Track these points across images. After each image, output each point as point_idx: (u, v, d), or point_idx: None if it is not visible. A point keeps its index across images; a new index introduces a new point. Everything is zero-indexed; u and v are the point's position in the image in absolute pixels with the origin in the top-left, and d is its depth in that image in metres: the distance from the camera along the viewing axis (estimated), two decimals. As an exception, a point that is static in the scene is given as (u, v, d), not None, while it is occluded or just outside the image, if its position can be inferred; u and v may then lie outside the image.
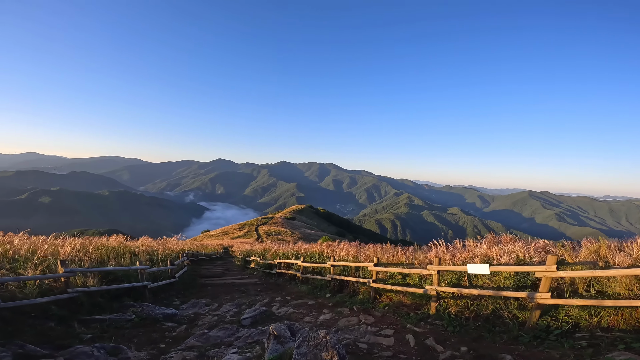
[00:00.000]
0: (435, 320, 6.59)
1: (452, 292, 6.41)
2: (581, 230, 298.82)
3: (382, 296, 8.63)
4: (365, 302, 8.58)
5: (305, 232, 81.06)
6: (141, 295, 8.35)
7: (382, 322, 7.03)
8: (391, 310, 7.76)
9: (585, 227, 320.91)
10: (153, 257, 11.70)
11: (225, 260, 29.41)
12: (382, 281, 8.65)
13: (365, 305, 8.42)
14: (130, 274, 8.51)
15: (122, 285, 7.58)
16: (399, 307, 7.90)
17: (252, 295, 10.67)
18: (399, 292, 8.15)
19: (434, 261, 6.82)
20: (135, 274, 8.51)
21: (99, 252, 10.10)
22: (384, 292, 8.58)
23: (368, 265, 8.67)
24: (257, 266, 16.95)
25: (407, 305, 7.95)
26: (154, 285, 8.90)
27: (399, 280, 8.54)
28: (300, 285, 11.93)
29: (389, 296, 8.49)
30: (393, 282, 8.49)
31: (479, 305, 6.32)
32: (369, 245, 11.58)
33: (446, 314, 6.54)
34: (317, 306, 8.94)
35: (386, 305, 8.15)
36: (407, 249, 9.71)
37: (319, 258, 12.56)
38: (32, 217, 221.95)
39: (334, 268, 10.39)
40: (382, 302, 8.30)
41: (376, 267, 8.41)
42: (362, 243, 13.77)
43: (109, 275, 8.14)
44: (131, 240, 15.80)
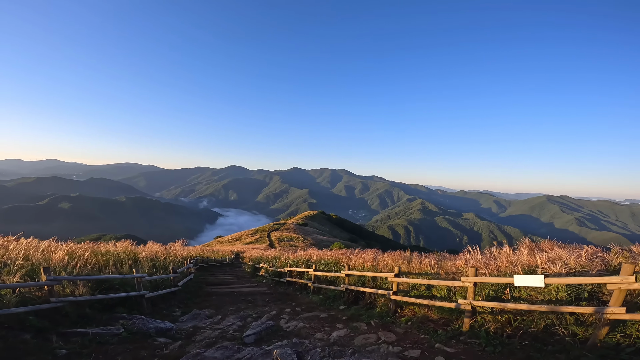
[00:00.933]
0: (469, 338, 5.63)
1: (492, 307, 5.43)
2: (602, 235, 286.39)
3: (404, 309, 7.69)
4: (384, 316, 7.65)
5: (318, 238, 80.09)
6: (138, 305, 7.65)
7: (405, 341, 6.10)
8: (415, 326, 6.80)
9: (606, 232, 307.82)
10: (157, 264, 11.06)
11: (235, 267, 28.80)
12: (404, 293, 7.70)
13: (384, 319, 7.49)
14: (127, 283, 7.84)
15: (113, 295, 6.89)
16: (424, 322, 6.94)
17: (259, 306, 9.85)
18: (424, 306, 7.18)
19: (467, 271, 5.86)
20: (134, 283, 7.83)
21: (98, 258, 9.51)
22: (406, 305, 7.63)
23: (388, 276, 7.75)
24: (266, 274, 16.15)
25: (433, 320, 6.98)
26: (153, 294, 8.20)
27: (423, 292, 7.57)
28: (312, 295, 11.06)
29: (412, 310, 7.53)
30: (416, 294, 7.53)
31: (524, 320, 5.34)
32: (387, 253, 10.62)
33: (483, 331, 5.57)
34: (329, 320, 8.04)
35: (409, 320, 7.20)
36: (431, 257, 8.73)
37: (334, 266, 11.67)
38: (52, 222, 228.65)
39: (349, 278, 9.49)
40: (404, 317, 7.35)
41: (397, 278, 7.47)
42: (376, 250, 12.85)
43: (103, 284, 7.49)
44: (143, 246, 15.32)
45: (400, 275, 7.65)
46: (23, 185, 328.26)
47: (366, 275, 8.84)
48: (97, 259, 9.58)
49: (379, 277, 8.55)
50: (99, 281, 7.39)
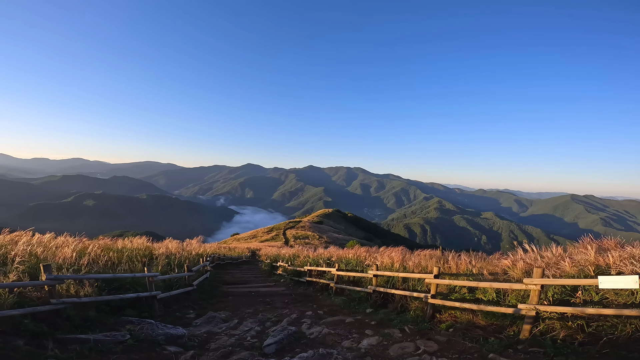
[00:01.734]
0: (530, 347, 4.75)
1: (563, 312, 4.54)
2: (629, 235, 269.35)
3: (442, 314, 6.79)
4: (419, 322, 6.78)
5: (333, 236, 79.38)
6: (149, 307, 7.07)
7: (450, 350, 5.24)
8: (459, 334, 5.92)
9: (633, 233, 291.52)
10: (172, 262, 10.54)
11: (252, 265, 28.39)
12: (443, 296, 6.79)
13: (420, 325, 6.62)
14: (138, 282, 7.27)
15: (122, 296, 6.31)
16: (469, 329, 6.04)
17: (278, 308, 9.13)
18: (466, 310, 6.27)
19: (533, 272, 4.95)
20: (145, 282, 7.25)
21: (110, 255, 9.03)
22: (445, 309, 6.72)
23: (425, 277, 6.86)
24: (284, 273, 15.48)
25: (480, 326, 6.05)
26: (165, 295, 7.61)
27: (465, 295, 6.65)
28: (334, 296, 10.26)
29: (452, 315, 6.63)
30: (458, 298, 6.61)
31: (601, 327, 4.41)
32: (416, 253, 9.69)
33: (549, 339, 4.68)
34: (357, 325, 7.23)
35: (450, 326, 6.30)
36: (471, 256, 7.76)
37: (356, 266, 10.82)
38: (78, 219, 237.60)
39: (377, 279, 8.62)
40: (444, 322, 6.45)
41: (437, 280, 6.57)
42: (403, 248, 11.91)
43: (113, 283, 6.94)
44: (160, 242, 14.95)
45: (441, 277, 6.74)
46: (49, 184, 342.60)
47: (397, 276, 7.97)
48: (110, 255, 9.12)
49: (412, 278, 7.67)
50: (108, 280, 6.84)
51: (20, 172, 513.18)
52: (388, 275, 8.19)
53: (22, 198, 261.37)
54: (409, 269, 8.60)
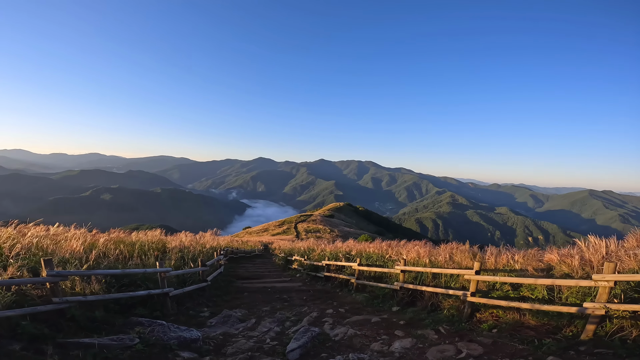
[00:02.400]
0: (596, 348, 4.15)
1: (636, 310, 3.84)
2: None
3: (482, 313, 6.11)
4: (456, 322, 6.12)
5: (344, 230, 78.92)
6: (161, 305, 6.58)
7: (498, 354, 4.59)
8: (506, 335, 5.27)
9: None
10: (185, 256, 10.11)
11: (265, 258, 28.08)
12: (483, 294, 6.09)
13: (457, 326, 5.96)
14: (150, 278, 6.79)
15: (132, 294, 5.82)
16: (517, 329, 5.37)
17: (296, 306, 8.57)
18: (510, 309, 5.60)
19: (604, 268, 4.23)
20: (157, 278, 6.76)
21: (122, 248, 8.63)
22: (486, 308, 6.04)
23: (465, 273, 6.15)
24: (300, 267, 14.95)
25: (531, 327, 5.36)
26: (179, 292, 7.10)
27: (509, 292, 5.95)
28: (355, 293, 9.64)
29: (494, 314, 5.94)
30: (501, 295, 5.91)
31: None
32: (443, 247, 8.95)
33: (617, 339, 4.07)
34: (384, 325, 6.60)
35: (493, 326, 5.63)
36: (512, 251, 7.01)
37: (378, 260, 10.15)
38: (95, 213, 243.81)
39: (405, 275, 7.94)
40: (486, 322, 5.77)
41: (479, 276, 5.87)
42: (426, 241, 11.18)
43: (123, 279, 6.48)
44: (175, 235, 14.66)
45: (483, 273, 6.03)
46: (68, 178, 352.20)
47: (429, 272, 7.27)
48: (121, 249, 8.72)
49: (448, 274, 6.98)
50: (118, 276, 6.37)
51: (39, 167, 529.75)
52: (418, 271, 7.51)
53: (42, 192, 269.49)
54: (439, 264, 7.90)
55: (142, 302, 6.38)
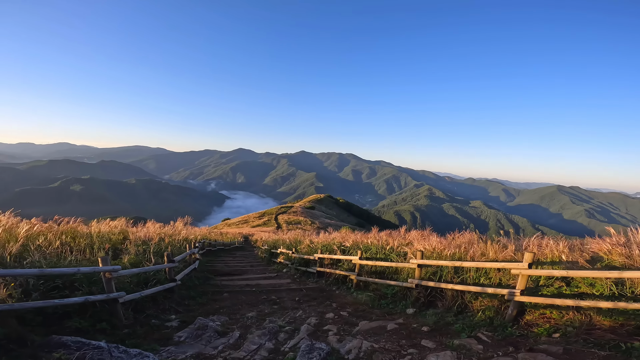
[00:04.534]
0: None
1: None
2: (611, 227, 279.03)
3: (530, 314, 4.89)
4: (498, 326, 4.88)
5: (325, 222, 78.11)
6: (110, 313, 4.88)
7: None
8: (576, 340, 4.06)
9: (615, 225, 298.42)
10: (148, 250, 8.33)
11: (245, 251, 26.37)
12: (530, 292, 4.85)
13: (503, 331, 4.70)
14: (92, 279, 5.05)
15: (58, 302, 4.07)
16: (587, 332, 4.16)
17: (288, 309, 7.05)
18: (570, 308, 4.39)
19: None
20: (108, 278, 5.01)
21: (66, 239, 6.78)
22: (536, 308, 4.82)
23: (512, 267, 4.85)
24: (287, 261, 13.39)
25: (605, 328, 4.17)
26: (134, 296, 5.36)
27: (562, 288, 4.73)
28: (356, 292, 8.24)
29: (546, 315, 4.71)
30: (553, 293, 4.68)
31: None
32: (459, 236, 7.68)
33: None
34: (405, 333, 5.23)
35: (553, 330, 4.40)
36: (558, 240, 5.80)
37: (378, 252, 8.77)
38: (65, 204, 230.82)
39: (422, 270, 6.59)
40: (539, 326, 4.53)
41: (532, 270, 4.58)
42: (428, 230, 9.96)
43: (55, 280, 4.73)
44: (141, 225, 12.73)
45: (536, 266, 4.77)
46: (35, 168, 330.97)
47: (459, 266, 5.95)
48: (63, 240, 6.86)
49: (488, 268, 5.69)
50: (49, 277, 4.63)
51: (5, 157, 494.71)
52: (442, 265, 6.16)
53: (8, 183, 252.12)
54: (466, 257, 6.60)
55: (81, 310, 4.66)
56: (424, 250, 6.85)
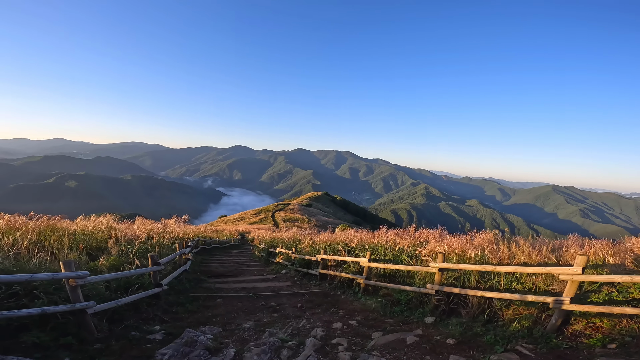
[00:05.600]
0: None
1: None
2: (605, 227, 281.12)
3: (575, 324, 4.17)
4: (540, 337, 4.22)
5: (322, 219, 77.54)
6: (78, 325, 4.06)
7: None
8: (638, 352, 3.34)
9: (609, 225, 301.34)
10: (132, 250, 7.50)
11: (242, 249, 25.55)
12: (577, 299, 4.13)
13: (546, 343, 4.02)
14: (53, 287, 4.23)
15: (3, 313, 3.27)
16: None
17: (290, 318, 6.27)
18: (621, 316, 3.65)
19: None
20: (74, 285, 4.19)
21: (33, 236, 5.95)
22: (585, 317, 4.10)
23: (562, 272, 4.11)
24: (287, 262, 12.57)
25: None
26: (108, 305, 4.51)
27: (614, 295, 4.01)
28: (364, 297, 7.47)
29: (593, 325, 4.01)
30: (603, 300, 3.95)
31: None
32: (478, 235, 6.93)
33: None
34: (428, 348, 4.49)
35: (608, 340, 3.71)
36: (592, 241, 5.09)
37: (387, 254, 8.00)
38: (60, 200, 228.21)
39: (443, 274, 5.85)
40: (591, 336, 3.81)
41: (587, 275, 3.87)
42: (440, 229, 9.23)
43: (13, 287, 3.91)
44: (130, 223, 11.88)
45: (591, 271, 4.02)
46: (30, 164, 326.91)
47: (477, 269, 5.21)
48: (31, 238, 6.03)
49: (533, 273, 4.95)
50: (5, 283, 3.81)
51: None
52: (469, 269, 5.41)
53: (2, 179, 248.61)
54: (486, 260, 5.85)
55: (42, 321, 3.84)
56: (446, 252, 6.09)
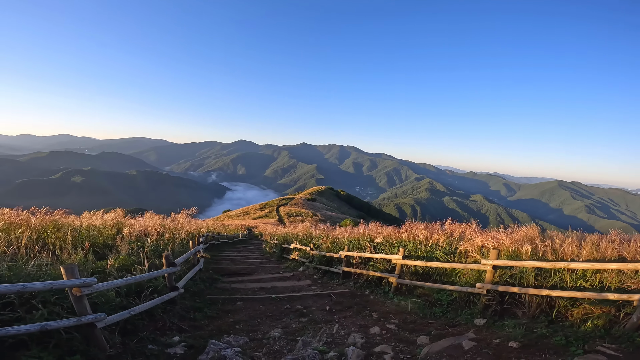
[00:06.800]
0: None
1: None
2: (611, 223, 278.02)
3: None
4: (621, 337, 3.61)
5: (327, 214, 77.18)
6: (86, 341, 3.42)
7: None
8: None
9: (615, 221, 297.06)
10: (144, 247, 6.86)
11: (250, 244, 25.03)
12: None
13: (631, 343, 3.33)
14: (55, 297, 3.58)
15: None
16: None
17: (321, 323, 5.61)
18: None
19: None
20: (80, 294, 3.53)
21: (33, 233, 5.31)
22: None
23: None
24: (304, 258, 11.89)
25: None
26: (119, 317, 3.84)
27: None
28: (396, 297, 6.78)
29: None
30: None
31: None
32: (516, 230, 6.22)
33: None
34: (492, 353, 3.82)
35: None
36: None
37: (418, 250, 7.29)
38: (66, 196, 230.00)
39: (497, 272, 5.16)
40: None
41: None
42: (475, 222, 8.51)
43: (7, 296, 3.27)
44: (139, 217, 11.29)
45: None
46: (36, 160, 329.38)
47: (544, 267, 4.51)
48: (31, 235, 5.39)
49: (577, 269, 4.25)
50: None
51: (6, 149, 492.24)
52: (534, 266, 4.69)
53: (9, 175, 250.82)
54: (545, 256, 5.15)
55: (43, 337, 3.20)
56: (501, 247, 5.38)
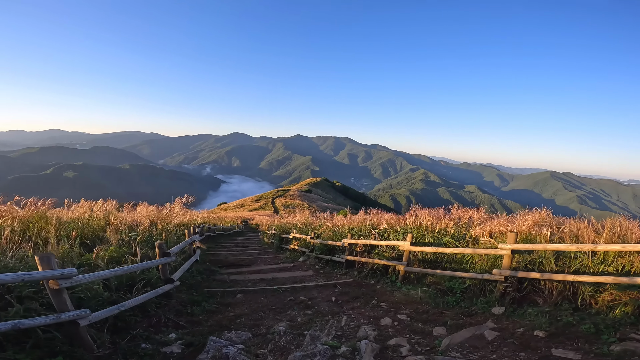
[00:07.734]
0: None
1: None
2: (602, 214, 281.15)
3: None
4: None
5: (322, 205, 77.28)
6: (70, 339, 3.02)
7: None
8: None
9: (606, 211, 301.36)
10: (136, 237, 6.43)
11: (247, 236, 24.68)
12: None
13: None
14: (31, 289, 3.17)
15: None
16: None
17: (327, 315, 5.27)
18: None
19: None
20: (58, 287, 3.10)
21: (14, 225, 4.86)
22: None
23: None
24: (304, 248, 11.53)
25: None
26: (107, 313, 3.45)
27: None
28: (405, 286, 6.46)
29: None
30: None
31: None
32: (527, 214, 5.94)
33: None
34: (518, 343, 3.63)
35: None
36: None
37: (426, 236, 6.97)
38: (58, 191, 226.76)
39: (515, 257, 4.85)
40: None
41: None
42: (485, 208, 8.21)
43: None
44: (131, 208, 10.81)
45: None
46: (27, 156, 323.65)
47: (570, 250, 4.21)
48: (15, 228, 4.93)
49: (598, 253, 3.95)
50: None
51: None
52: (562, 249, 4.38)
53: (0, 171, 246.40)
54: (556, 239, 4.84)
55: (20, 336, 2.80)
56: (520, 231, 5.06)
